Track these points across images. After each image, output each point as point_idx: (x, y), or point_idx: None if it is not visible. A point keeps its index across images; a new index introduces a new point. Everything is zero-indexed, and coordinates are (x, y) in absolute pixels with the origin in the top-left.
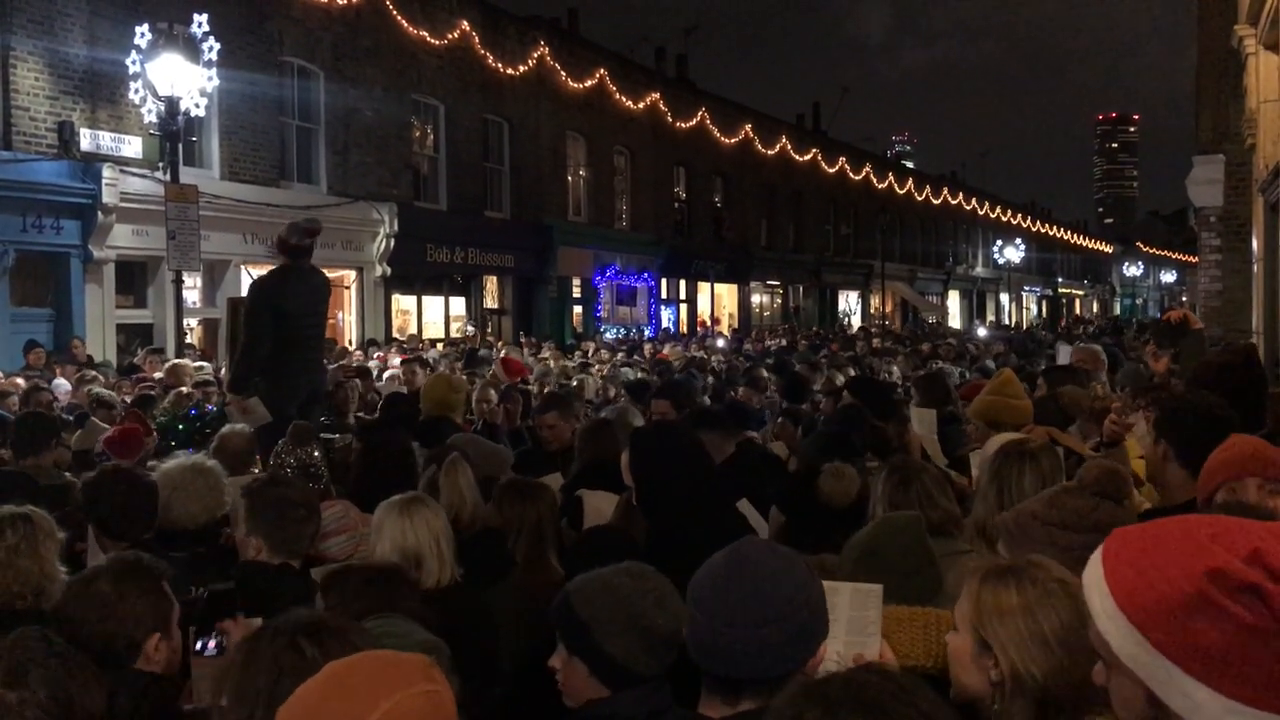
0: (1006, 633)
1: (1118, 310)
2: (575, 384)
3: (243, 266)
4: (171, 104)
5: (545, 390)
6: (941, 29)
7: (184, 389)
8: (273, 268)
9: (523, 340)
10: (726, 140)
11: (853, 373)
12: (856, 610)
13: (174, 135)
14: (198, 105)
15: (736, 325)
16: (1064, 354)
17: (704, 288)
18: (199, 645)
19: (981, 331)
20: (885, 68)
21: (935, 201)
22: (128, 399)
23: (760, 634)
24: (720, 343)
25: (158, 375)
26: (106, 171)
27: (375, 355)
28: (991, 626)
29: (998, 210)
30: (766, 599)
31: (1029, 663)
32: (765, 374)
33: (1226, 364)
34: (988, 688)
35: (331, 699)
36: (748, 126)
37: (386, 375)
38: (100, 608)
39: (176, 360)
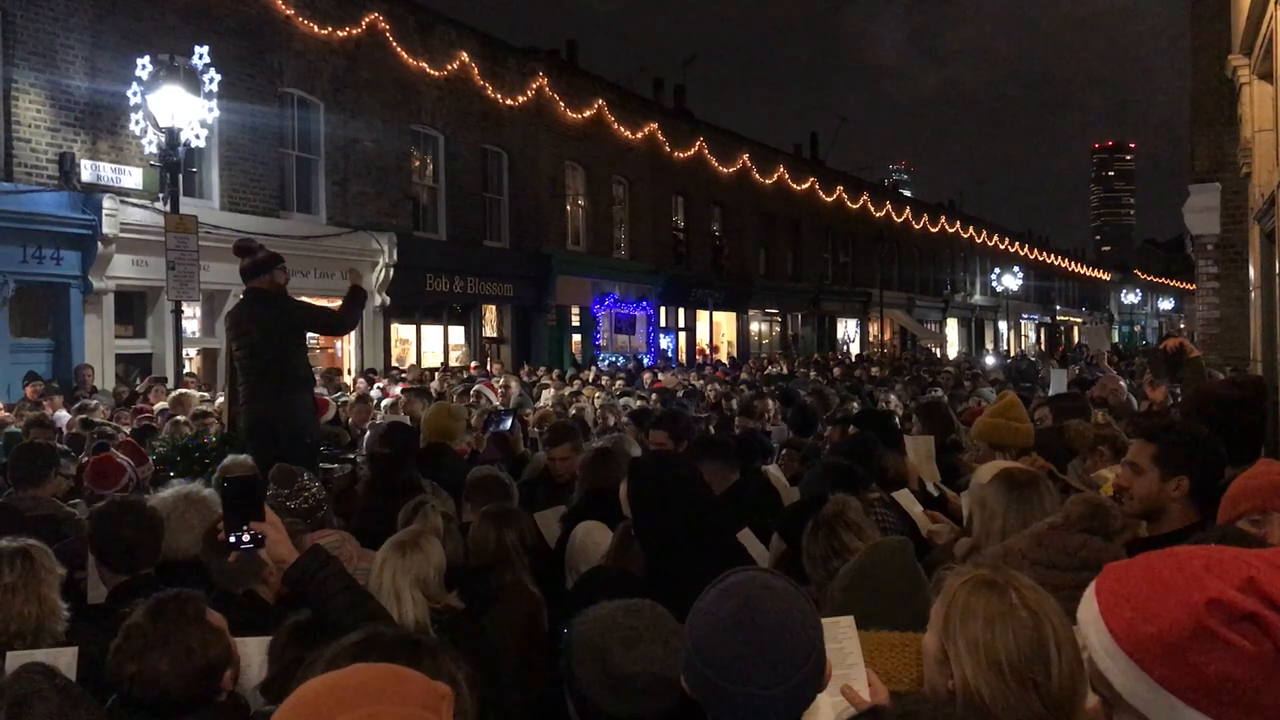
0: (964, 642)
1: (1116, 337)
2: (574, 412)
3: (242, 297)
4: (172, 135)
5: (549, 422)
6: (939, 58)
7: (181, 418)
8: None
9: (524, 369)
10: (724, 169)
11: (855, 403)
12: (833, 643)
13: (174, 166)
14: (198, 136)
15: (735, 353)
16: (1057, 381)
17: (703, 316)
18: (233, 539)
19: (990, 360)
20: (882, 97)
21: (933, 229)
22: (127, 429)
23: (783, 686)
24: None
25: (159, 405)
26: (107, 202)
27: (377, 386)
28: (953, 632)
29: (996, 238)
30: (784, 650)
31: (980, 681)
32: (769, 403)
33: (1239, 400)
34: (948, 694)
35: (327, 692)
36: (745, 156)
37: (385, 404)
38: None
39: (183, 390)
